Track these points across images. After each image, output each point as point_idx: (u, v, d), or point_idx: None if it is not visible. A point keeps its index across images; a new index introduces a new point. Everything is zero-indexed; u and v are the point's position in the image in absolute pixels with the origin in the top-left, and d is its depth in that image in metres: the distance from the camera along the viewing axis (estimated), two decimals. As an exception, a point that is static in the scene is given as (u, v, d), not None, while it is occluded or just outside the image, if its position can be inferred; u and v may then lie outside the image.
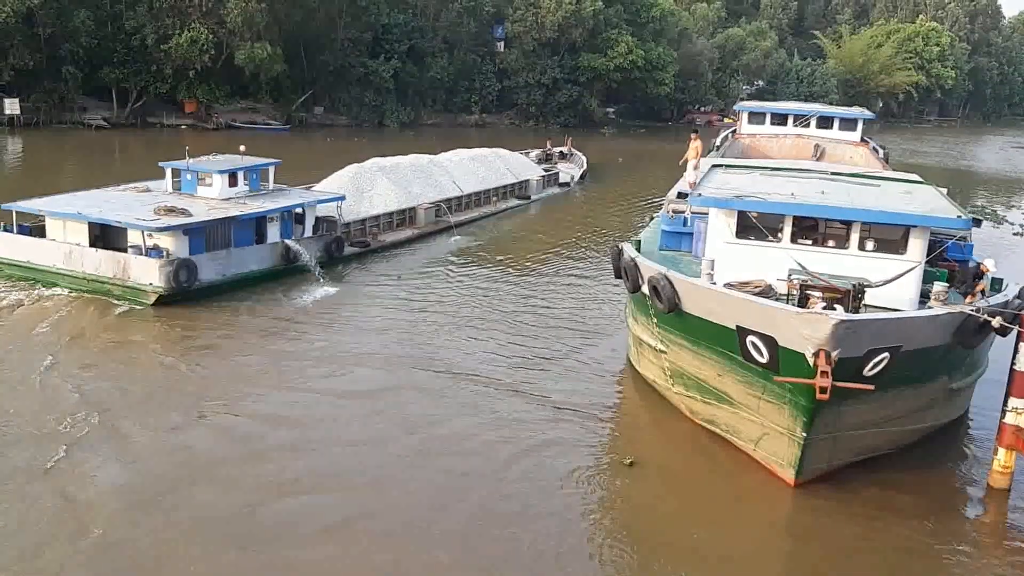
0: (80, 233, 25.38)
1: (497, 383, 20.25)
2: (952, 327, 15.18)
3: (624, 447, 17.66)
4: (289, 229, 28.64)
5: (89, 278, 24.62)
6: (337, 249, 30.03)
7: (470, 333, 23.71)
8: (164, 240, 24.43)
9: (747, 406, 16.05)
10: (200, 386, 19.26)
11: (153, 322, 23.25)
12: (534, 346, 23.00)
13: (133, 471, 15.38)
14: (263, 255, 27.35)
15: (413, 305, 25.95)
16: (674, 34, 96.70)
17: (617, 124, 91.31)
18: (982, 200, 54.64)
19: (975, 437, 18.78)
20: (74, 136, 61.14)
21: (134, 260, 24.24)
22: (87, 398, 18.11)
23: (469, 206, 40.66)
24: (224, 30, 65.78)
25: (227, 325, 23.39)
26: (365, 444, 16.99)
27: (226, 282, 25.77)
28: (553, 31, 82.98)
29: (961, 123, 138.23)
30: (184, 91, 68.57)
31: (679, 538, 14.51)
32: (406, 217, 35.86)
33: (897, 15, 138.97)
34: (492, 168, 44.93)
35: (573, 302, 27.55)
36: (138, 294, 24.11)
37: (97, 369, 19.82)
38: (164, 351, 21.43)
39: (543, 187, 47.16)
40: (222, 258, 25.88)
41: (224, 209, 27.02)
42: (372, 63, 76.75)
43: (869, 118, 39.18)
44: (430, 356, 21.70)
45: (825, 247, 17.32)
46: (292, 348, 21.80)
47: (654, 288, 16.76)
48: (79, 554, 13.02)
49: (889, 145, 56.09)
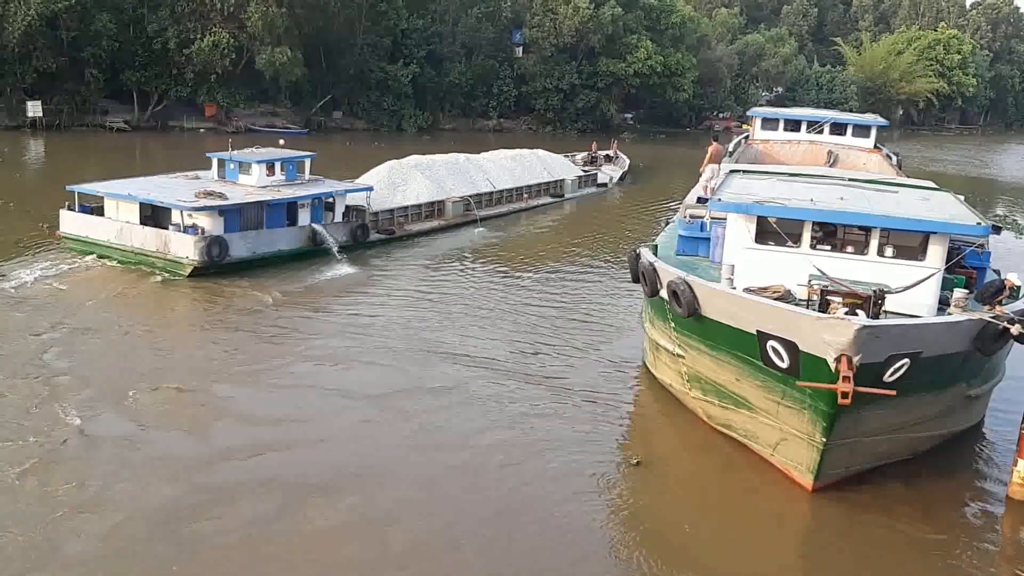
0: (132, 212, 28.79)
1: (507, 378, 20.58)
2: (972, 334, 15.10)
3: (639, 449, 17.66)
4: (319, 215, 31.59)
5: (136, 251, 28.12)
6: (363, 235, 32.89)
7: (476, 322, 24.92)
8: (201, 219, 27.71)
9: (766, 411, 16.03)
10: (211, 348, 22.03)
11: (186, 290, 26.63)
12: (546, 344, 23.20)
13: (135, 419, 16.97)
14: (292, 236, 30.42)
15: (423, 290, 27.97)
16: (693, 40, 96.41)
17: (635, 130, 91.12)
18: (1003, 209, 54.18)
19: (992, 445, 18.68)
20: (95, 138, 61.68)
21: (174, 236, 27.54)
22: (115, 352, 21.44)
23: (500, 201, 42.57)
24: (245, 34, 66.19)
25: (249, 296, 26.17)
26: (361, 440, 17.27)
27: (256, 258, 28.94)
28: (571, 36, 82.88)
29: (982, 131, 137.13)
30: (204, 95, 68.97)
31: (694, 541, 14.51)
32: (435, 209, 38.05)
33: (919, 22, 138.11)
34: (528, 167, 46.81)
35: (588, 301, 27.79)
36: (176, 266, 27.47)
37: (130, 326, 23.31)
38: (192, 317, 24.99)
39: (579, 187, 49.05)
40: (253, 237, 29.04)
41: (259, 194, 30.19)
42: (391, 68, 76.98)
43: (882, 125, 39.06)
44: (432, 342, 22.83)
45: (844, 253, 17.28)
46: (301, 317, 24.42)
47: (674, 293, 16.77)
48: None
49: (909, 153, 55.85)
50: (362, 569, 13.20)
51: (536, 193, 45.49)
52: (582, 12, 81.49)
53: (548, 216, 43.15)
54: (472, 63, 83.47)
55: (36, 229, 31.62)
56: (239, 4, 65.52)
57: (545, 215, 43.19)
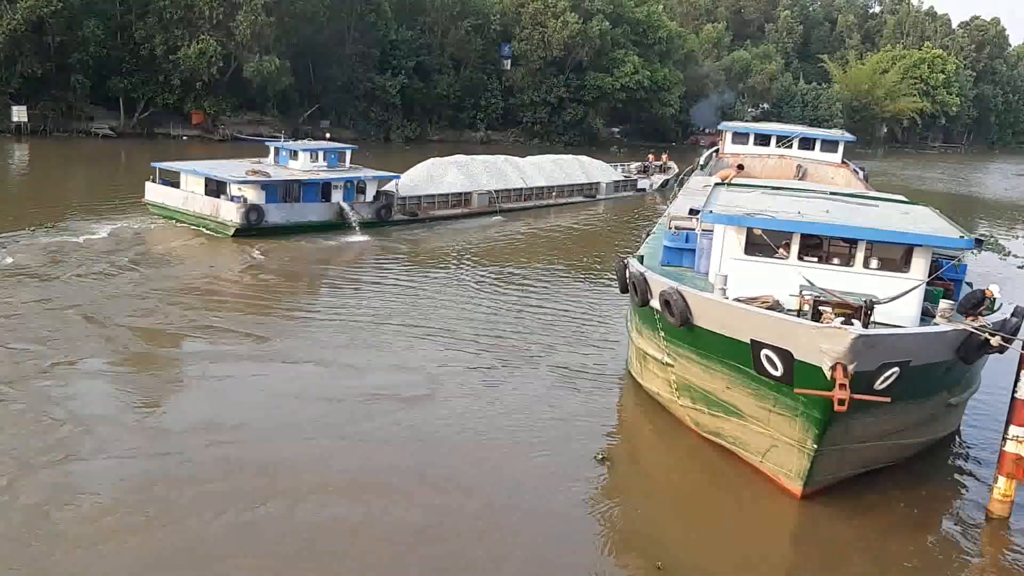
0: (199, 184, 35.76)
1: (485, 382, 20.73)
2: (956, 344, 15.40)
3: (626, 457, 17.71)
4: (351, 195, 37.95)
5: (197, 215, 35.18)
6: (387, 214, 38.91)
7: (459, 308, 26.89)
8: (247, 191, 34.46)
9: (756, 418, 16.17)
10: (234, 284, 28.86)
11: (229, 244, 33.55)
12: (533, 345, 23.48)
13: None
14: (323, 210, 36.84)
15: (415, 267, 32.48)
16: (680, 56, 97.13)
17: (622, 144, 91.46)
18: (985, 227, 54.57)
19: (971, 452, 19.03)
20: (80, 145, 61.43)
21: (222, 203, 34.43)
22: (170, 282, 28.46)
23: (530, 197, 47.72)
24: (233, 42, 66.17)
25: (274, 251, 32.71)
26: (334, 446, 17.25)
27: (289, 225, 35.32)
28: (559, 50, 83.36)
29: (965, 150, 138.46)
30: (191, 102, 68.84)
31: (685, 546, 14.50)
32: (461, 199, 43.43)
33: (904, 41, 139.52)
34: (566, 170, 52.00)
35: (578, 302, 28.49)
36: (223, 227, 34.26)
37: (183, 267, 30.14)
38: (235, 259, 31.63)
39: (615, 190, 54.21)
40: (287, 208, 35.65)
41: (298, 175, 36.83)
42: (379, 78, 77.09)
43: (849, 140, 39.69)
44: (408, 325, 24.79)
45: (830, 264, 17.41)
46: (310, 271, 31.26)
47: (666, 302, 16.88)
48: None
49: (893, 170, 56.55)
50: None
51: (569, 193, 50.52)
52: (570, 26, 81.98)
53: (575, 212, 48.07)
54: (460, 75, 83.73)
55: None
56: (227, 12, 65.55)
57: (573, 211, 48.11)
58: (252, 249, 32.54)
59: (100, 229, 33.58)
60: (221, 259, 31.55)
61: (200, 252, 32.46)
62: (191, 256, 31.65)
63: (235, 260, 31.45)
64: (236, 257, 31.79)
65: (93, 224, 34.24)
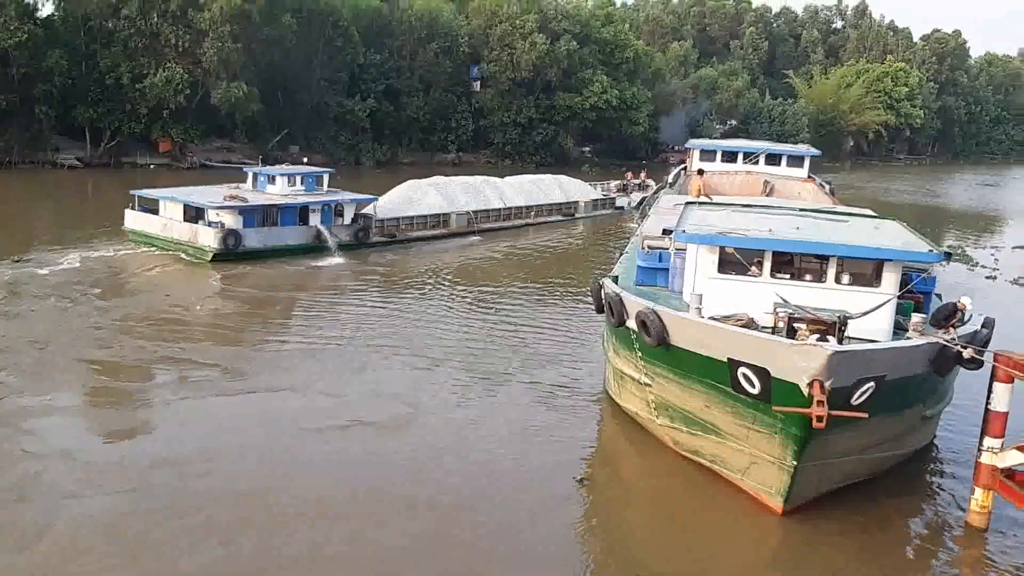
0: (177, 211, 36.11)
1: (461, 404, 20.69)
2: (929, 356, 15.55)
3: (607, 477, 17.64)
4: (329, 218, 38.30)
5: (175, 241, 35.49)
6: (364, 236, 39.30)
7: (441, 323, 27.43)
8: (225, 216, 34.74)
9: (735, 436, 16.17)
10: (208, 303, 29.72)
11: (206, 270, 33.62)
12: (511, 366, 23.42)
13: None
14: (300, 234, 37.16)
15: (390, 288, 32.99)
16: (648, 74, 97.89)
17: (593, 163, 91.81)
18: (952, 238, 55.19)
19: (947, 461, 19.21)
20: (46, 176, 60.63)
21: (200, 229, 34.74)
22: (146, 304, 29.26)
23: (508, 217, 48.25)
24: (200, 70, 65.81)
25: (251, 276, 32.95)
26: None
27: (267, 249, 35.70)
28: (528, 71, 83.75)
29: (930, 161, 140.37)
30: (159, 130, 68.23)
31: (669, 565, 14.41)
32: (440, 220, 43.87)
33: (867, 55, 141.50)
34: (544, 189, 52.52)
35: (554, 321, 28.60)
36: (201, 252, 34.51)
37: (160, 290, 30.73)
38: (209, 285, 31.77)
39: (593, 208, 54.69)
40: (265, 232, 35.96)
41: (276, 199, 37.14)
42: (348, 102, 76.99)
43: (814, 155, 40.19)
44: (398, 342, 25.15)
45: (802, 281, 17.47)
46: (285, 296, 31.13)
47: (642, 323, 16.87)
48: None
49: (860, 183, 57.19)
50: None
51: (548, 212, 51.08)
52: (538, 47, 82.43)
53: (554, 231, 48.58)
54: (430, 97, 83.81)
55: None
56: (194, 40, 65.23)
57: (552, 230, 48.60)
58: (228, 274, 32.66)
59: (68, 260, 33.24)
60: (195, 286, 31.44)
61: (174, 279, 32.47)
62: (165, 284, 31.67)
63: (209, 287, 31.45)
64: (211, 284, 31.79)
65: (59, 256, 33.72)
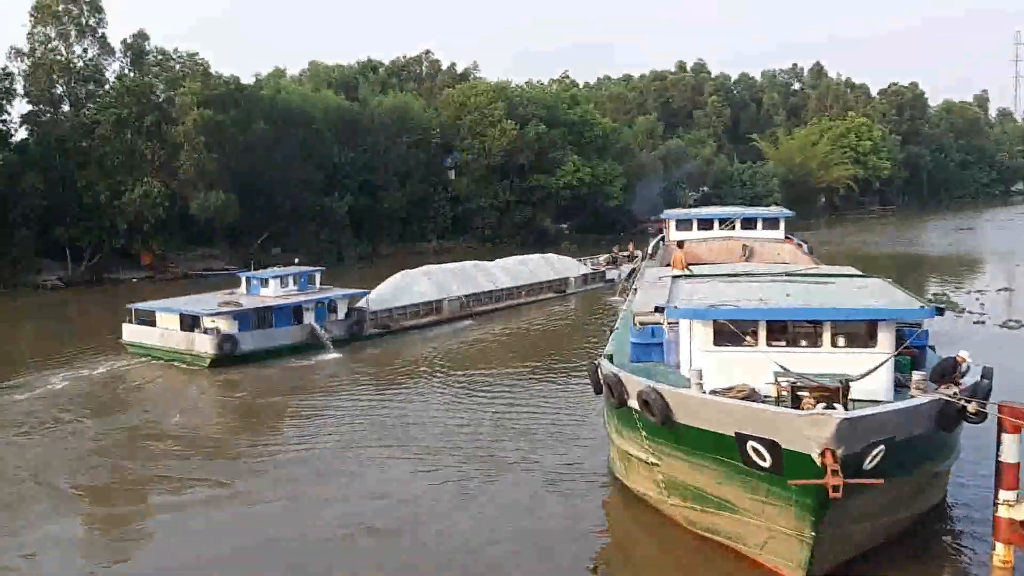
0: (173, 321, 36.70)
1: (464, 495, 20.53)
2: (934, 413, 15.49)
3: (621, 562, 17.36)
4: (323, 315, 38.95)
5: (173, 350, 36.12)
6: (359, 330, 39.82)
7: (438, 413, 27.45)
8: (220, 322, 35.52)
9: (750, 511, 15.93)
10: (212, 406, 31.26)
11: (203, 376, 34.23)
12: (511, 452, 23.32)
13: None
14: (294, 333, 37.74)
15: (395, 382, 32.76)
16: (617, 150, 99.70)
17: (572, 238, 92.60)
18: (936, 285, 55.66)
19: (962, 517, 18.95)
20: (28, 298, 60.02)
21: (196, 336, 35.53)
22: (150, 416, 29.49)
23: (500, 298, 48.89)
24: (176, 181, 66.34)
25: (246, 381, 33.34)
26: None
27: (262, 351, 36.11)
28: (501, 156, 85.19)
29: (902, 211, 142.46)
30: (139, 244, 68.32)
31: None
32: (432, 307, 44.37)
33: (829, 113, 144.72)
34: (534, 269, 53.60)
35: (553, 401, 28.59)
36: (199, 359, 35.25)
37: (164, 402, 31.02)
38: (205, 393, 32.34)
39: (584, 283, 55.68)
40: (259, 334, 36.52)
41: (269, 301, 37.96)
42: (326, 200, 77.67)
43: (788, 216, 40.67)
44: (395, 439, 24.99)
45: (798, 347, 17.47)
46: (279, 400, 30.77)
47: (644, 402, 16.75)
48: None
49: (836, 239, 57.79)
50: None
51: (539, 290, 51.81)
52: (509, 133, 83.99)
53: (546, 309, 49.18)
54: (407, 189, 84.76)
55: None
56: (170, 153, 65.96)
57: (545, 308, 49.19)
58: (225, 379, 33.18)
59: (60, 380, 33.23)
60: (190, 396, 31.65)
61: (170, 390, 32.57)
62: (160, 396, 31.76)
63: (203, 396, 31.75)
64: (205, 393, 32.11)
65: (50, 376, 33.67)
